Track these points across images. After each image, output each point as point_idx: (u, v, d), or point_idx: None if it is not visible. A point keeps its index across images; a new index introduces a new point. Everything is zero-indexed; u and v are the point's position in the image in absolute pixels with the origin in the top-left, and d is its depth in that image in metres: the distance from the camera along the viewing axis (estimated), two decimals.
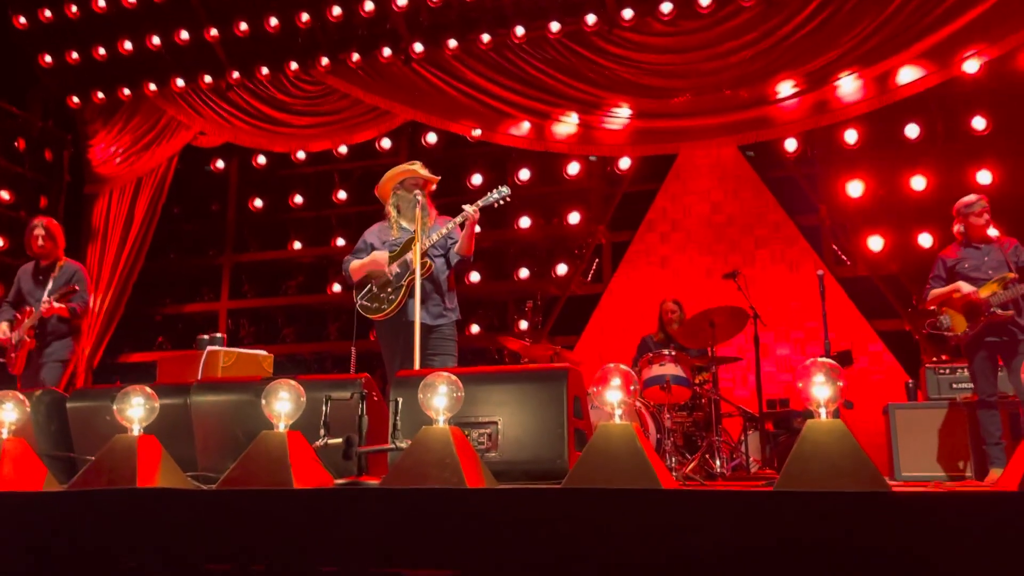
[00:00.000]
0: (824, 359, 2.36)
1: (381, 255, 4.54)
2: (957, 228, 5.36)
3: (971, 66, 6.65)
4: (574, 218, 8.52)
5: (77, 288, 5.55)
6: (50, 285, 5.54)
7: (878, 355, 7.35)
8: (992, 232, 5.30)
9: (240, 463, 2.73)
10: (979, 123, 7.28)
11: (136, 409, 2.91)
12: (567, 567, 2.29)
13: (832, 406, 2.28)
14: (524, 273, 8.57)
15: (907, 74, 6.84)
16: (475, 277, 8.69)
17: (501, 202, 4.58)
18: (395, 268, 4.50)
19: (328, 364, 9.12)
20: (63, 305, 5.48)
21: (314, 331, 9.29)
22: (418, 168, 4.65)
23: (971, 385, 5.44)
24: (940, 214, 6.96)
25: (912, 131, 7.49)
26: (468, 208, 4.43)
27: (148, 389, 2.95)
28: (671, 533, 2.19)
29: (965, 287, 5.09)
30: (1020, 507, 1.90)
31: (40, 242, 5.73)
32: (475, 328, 8.55)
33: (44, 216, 6.03)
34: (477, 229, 4.64)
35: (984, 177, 7.27)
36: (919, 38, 6.72)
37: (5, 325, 5.62)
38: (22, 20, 8.82)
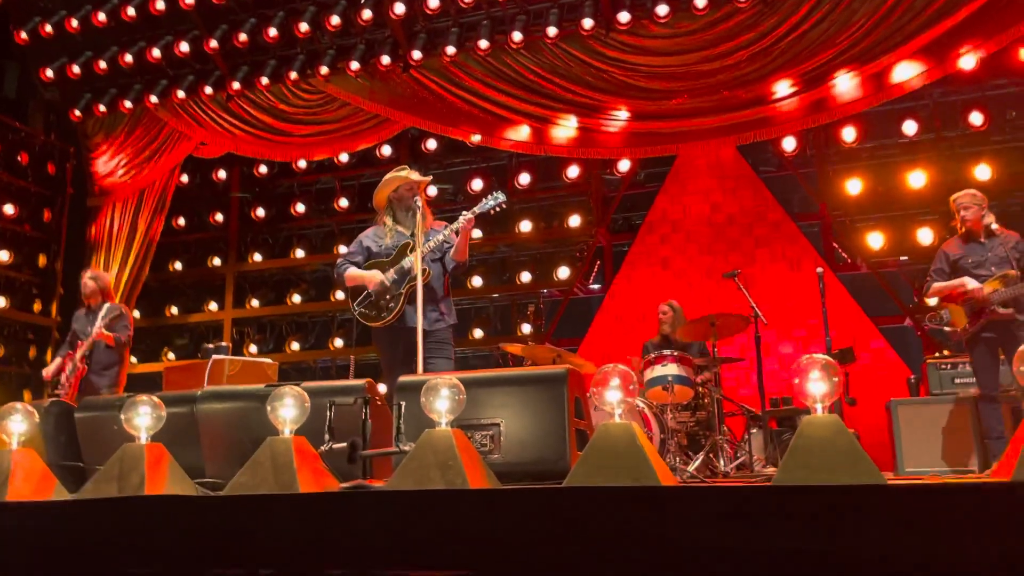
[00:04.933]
0: (819, 355, 2.39)
1: (377, 275, 4.55)
2: (958, 222, 5.39)
3: (967, 62, 6.67)
4: (574, 221, 8.55)
5: (122, 313, 6.41)
6: (98, 321, 6.26)
7: (880, 351, 7.37)
8: (994, 226, 5.30)
9: (246, 469, 2.77)
10: (977, 118, 7.30)
11: (143, 418, 2.95)
12: (570, 565, 2.32)
13: (828, 401, 2.31)
14: (526, 277, 8.60)
15: (904, 71, 6.86)
16: (477, 282, 8.72)
17: (497, 209, 4.62)
18: (392, 275, 4.53)
19: (333, 372, 9.15)
20: (110, 334, 6.21)
21: (319, 339, 9.33)
22: (408, 173, 4.68)
23: (974, 380, 5.45)
24: (939, 210, 7.02)
25: (910, 128, 7.52)
26: (464, 215, 4.47)
27: (155, 398, 2.99)
28: (671, 529, 2.22)
29: (971, 284, 5.08)
30: (1012, 497, 1.93)
31: (90, 286, 6.53)
32: (478, 333, 8.58)
33: (93, 268, 7.30)
34: (478, 234, 4.70)
35: (983, 172, 7.29)
36: (915, 35, 6.74)
37: (59, 360, 6.42)
38: (23, 35, 8.89)
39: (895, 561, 1.98)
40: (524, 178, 8.63)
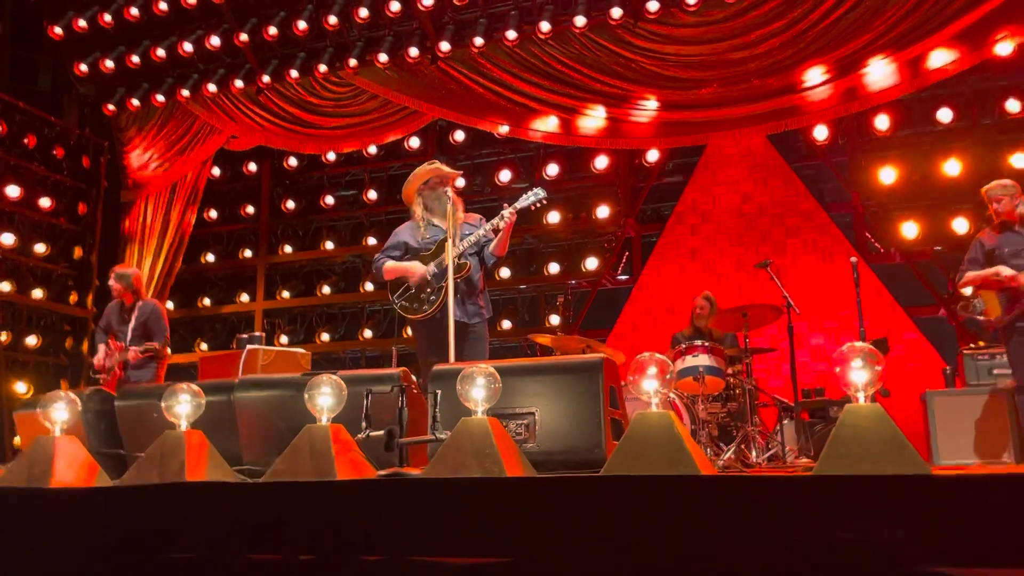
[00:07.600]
0: (861, 344, 2.36)
1: (419, 267, 4.58)
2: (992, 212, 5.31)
3: (1004, 48, 6.54)
4: (603, 212, 8.52)
5: (154, 330, 6.34)
6: (132, 323, 6.31)
7: (914, 343, 7.27)
8: None
9: (285, 456, 2.79)
10: (1013, 106, 7.16)
11: (183, 406, 2.99)
12: (607, 554, 2.32)
13: (871, 390, 2.29)
14: (554, 268, 8.59)
15: (939, 57, 6.73)
16: (505, 273, 8.73)
17: (537, 205, 4.66)
18: (433, 268, 4.56)
19: (363, 362, 9.21)
20: (148, 352, 6.23)
21: (349, 330, 9.39)
22: (439, 166, 4.71)
23: (1011, 371, 5.36)
24: (975, 199, 6.85)
25: (945, 115, 7.40)
26: (505, 211, 4.50)
27: (194, 386, 3.03)
28: (711, 519, 2.21)
29: (1006, 271, 5.01)
30: None
31: (116, 288, 6.46)
32: (506, 324, 8.58)
33: (120, 265, 7.23)
34: None
35: (1020, 161, 7.15)
36: (951, 21, 6.62)
37: (102, 349, 6.38)
38: (57, 30, 9.01)
39: (940, 552, 1.96)
40: (552, 169, 8.61)
